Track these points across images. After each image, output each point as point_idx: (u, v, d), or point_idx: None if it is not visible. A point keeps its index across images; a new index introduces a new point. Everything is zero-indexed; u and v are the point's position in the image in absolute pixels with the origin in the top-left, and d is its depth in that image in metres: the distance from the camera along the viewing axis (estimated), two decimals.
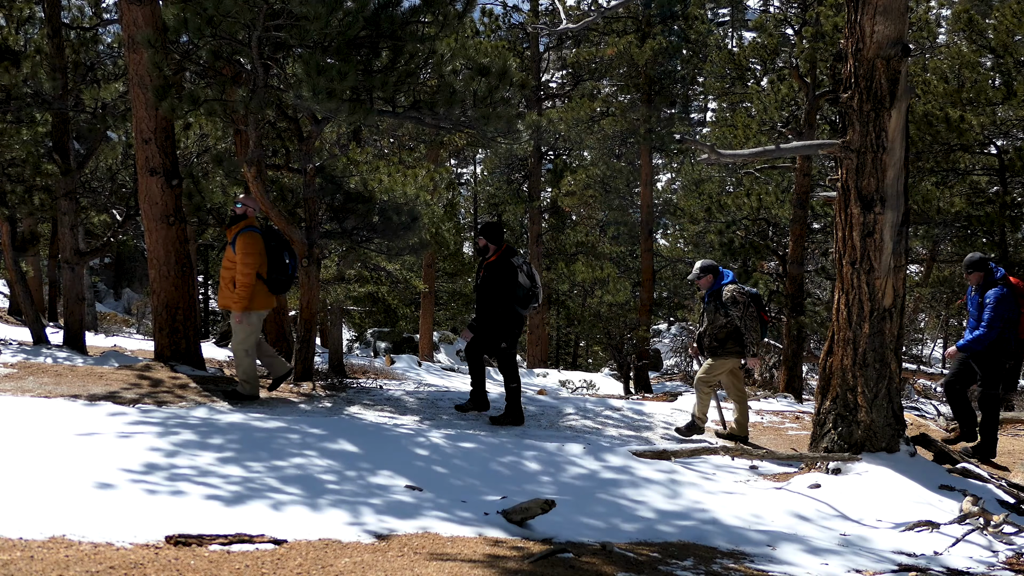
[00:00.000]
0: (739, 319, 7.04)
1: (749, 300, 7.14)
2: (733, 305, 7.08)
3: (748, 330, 7.04)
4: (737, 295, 7.10)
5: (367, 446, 5.58)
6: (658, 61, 19.41)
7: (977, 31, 13.68)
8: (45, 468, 4.33)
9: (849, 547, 4.47)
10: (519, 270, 7.11)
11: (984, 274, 6.96)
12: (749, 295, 7.24)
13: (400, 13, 7.10)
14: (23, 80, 9.54)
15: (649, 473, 5.68)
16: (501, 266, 7.07)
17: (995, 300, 6.78)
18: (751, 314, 7.08)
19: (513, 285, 7.05)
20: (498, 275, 7.04)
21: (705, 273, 7.32)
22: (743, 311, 7.04)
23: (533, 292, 7.20)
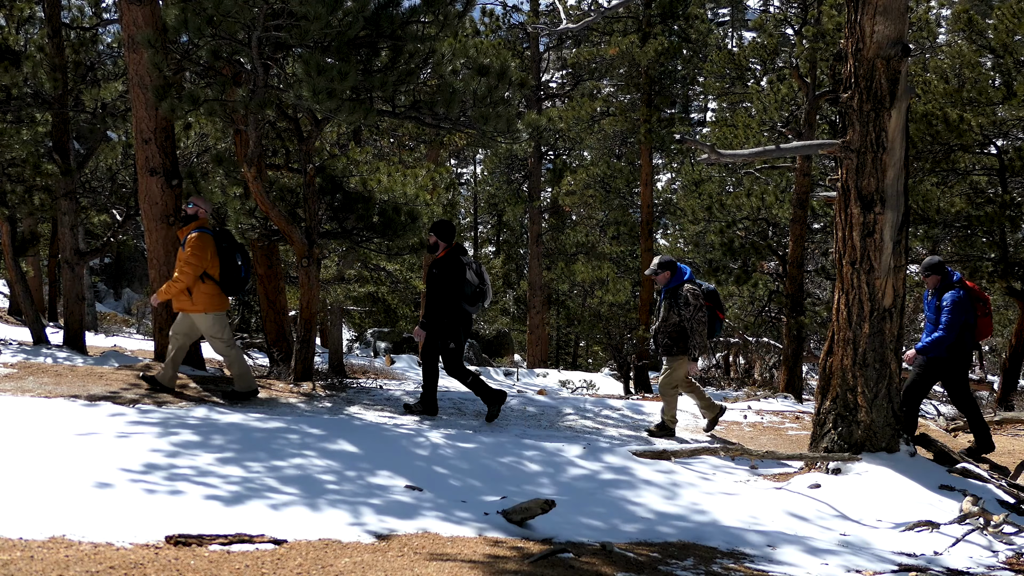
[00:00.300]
0: (687, 320, 7.04)
1: (703, 302, 7.13)
2: (685, 306, 7.08)
3: (693, 333, 7.04)
4: (691, 296, 7.09)
5: (367, 446, 5.58)
6: (659, 61, 19.39)
7: (977, 31, 13.67)
8: (45, 468, 4.33)
9: (849, 547, 4.47)
10: (467, 268, 7.11)
11: (941, 277, 6.93)
12: (705, 293, 7.25)
13: (400, 13, 7.10)
14: (23, 80, 9.54)
15: (649, 473, 5.67)
16: (449, 263, 7.06)
17: (952, 303, 6.74)
18: (700, 318, 7.06)
19: (461, 282, 7.04)
20: (446, 272, 7.03)
21: (663, 269, 7.31)
22: (693, 313, 7.04)
23: (481, 290, 7.19)
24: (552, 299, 25.28)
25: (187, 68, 8.24)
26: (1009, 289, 13.41)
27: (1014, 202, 13.29)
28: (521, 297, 30.17)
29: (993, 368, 25.00)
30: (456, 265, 7.07)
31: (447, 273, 7.04)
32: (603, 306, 18.31)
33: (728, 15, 54.68)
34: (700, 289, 7.24)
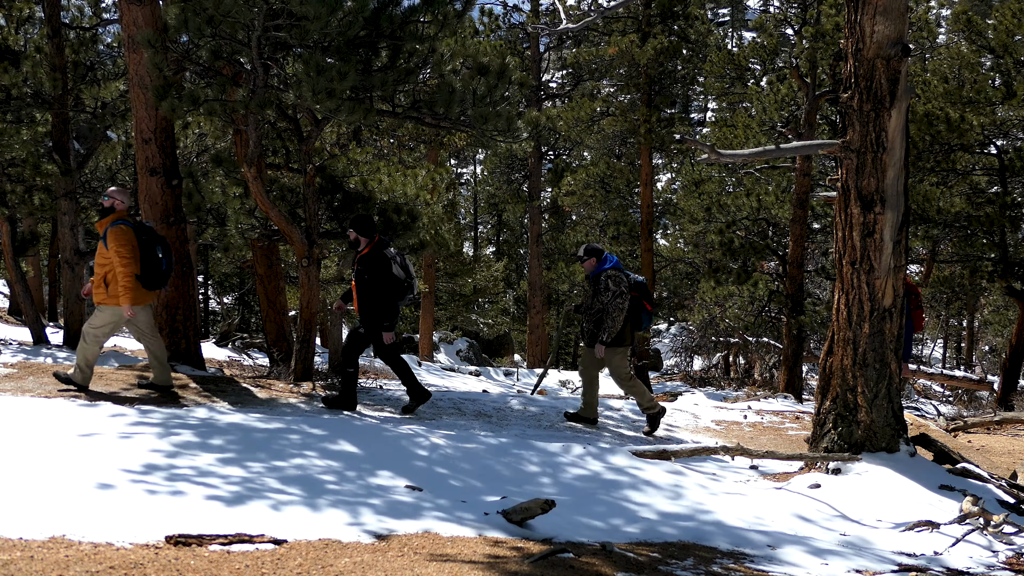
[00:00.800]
0: (606, 304, 7.06)
1: (627, 289, 7.13)
2: (605, 291, 7.09)
3: (607, 316, 7.06)
4: (611, 282, 7.09)
5: (367, 446, 5.58)
6: (659, 61, 19.38)
7: (977, 31, 13.68)
8: (45, 468, 4.33)
9: (849, 547, 4.47)
10: (392, 261, 7.07)
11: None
12: (631, 284, 7.24)
13: (399, 13, 7.10)
14: (23, 80, 9.55)
15: (649, 473, 5.67)
16: (374, 258, 7.01)
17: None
18: (618, 304, 7.06)
19: (388, 277, 7.01)
20: (372, 268, 6.99)
21: (589, 256, 7.32)
22: (612, 298, 7.04)
23: (408, 283, 7.15)
24: (552, 299, 25.28)
25: (187, 68, 8.25)
26: (1009, 289, 13.41)
27: (1014, 202, 13.29)
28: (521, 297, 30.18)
29: (993, 368, 25.01)
30: (382, 260, 7.01)
31: (374, 269, 6.98)
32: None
33: (728, 15, 54.70)
34: (627, 279, 7.23)
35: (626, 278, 7.20)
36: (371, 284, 6.97)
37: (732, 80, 17.23)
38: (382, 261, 6.99)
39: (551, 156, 28.83)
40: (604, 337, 7.12)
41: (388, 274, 6.98)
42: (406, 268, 7.17)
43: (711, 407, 9.01)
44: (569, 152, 30.09)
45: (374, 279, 6.96)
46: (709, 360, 22.36)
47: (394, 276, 7.01)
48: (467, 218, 35.83)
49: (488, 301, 28.41)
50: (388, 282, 6.97)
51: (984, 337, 29.45)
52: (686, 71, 21.61)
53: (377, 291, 6.97)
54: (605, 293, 7.10)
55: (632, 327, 7.29)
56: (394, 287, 7.00)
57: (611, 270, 7.18)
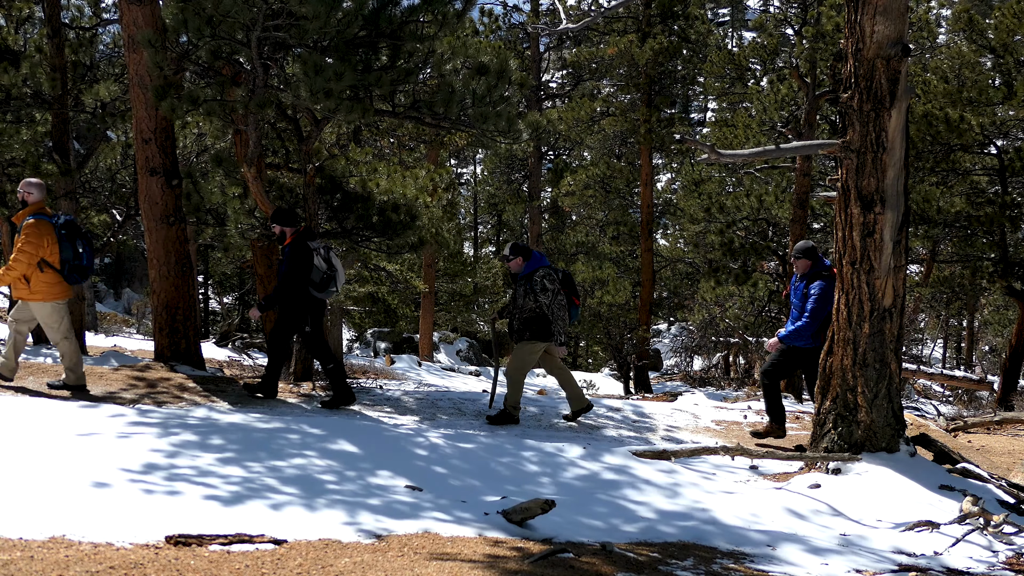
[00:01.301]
0: (547, 306, 7.03)
1: (559, 287, 7.11)
2: (543, 292, 7.05)
3: (555, 318, 7.04)
4: (547, 281, 7.06)
5: (367, 446, 5.58)
6: (658, 61, 19.39)
7: (977, 31, 13.68)
8: (45, 468, 4.33)
9: (849, 547, 4.47)
10: (315, 253, 7.06)
11: (812, 263, 6.85)
12: (561, 279, 7.22)
13: (399, 13, 7.10)
14: (23, 80, 9.55)
15: (649, 473, 5.67)
16: (296, 249, 6.99)
17: (820, 291, 6.66)
18: (560, 302, 7.04)
19: (308, 268, 6.99)
20: (292, 258, 6.97)
21: (515, 254, 7.28)
22: (552, 298, 7.03)
23: (330, 275, 7.14)
24: None
25: (187, 68, 8.25)
26: (1009, 289, 13.41)
27: (1014, 202, 13.29)
28: None
29: (993, 368, 25.01)
30: (303, 251, 6.99)
31: (293, 259, 6.96)
32: (603, 306, 18.31)
33: (728, 15, 54.70)
34: (556, 274, 7.20)
35: (554, 273, 7.18)
36: (289, 274, 6.95)
37: (732, 80, 17.23)
38: (304, 251, 6.99)
39: (551, 156, 28.84)
40: (561, 339, 7.12)
41: (309, 264, 6.98)
42: (329, 260, 7.15)
43: (711, 407, 9.00)
44: (569, 152, 30.10)
45: (292, 269, 6.94)
46: (709, 360, 22.36)
47: (314, 267, 7.01)
48: (467, 218, 35.84)
49: (488, 301, 28.41)
50: (304, 271, 6.96)
51: (984, 337, 29.45)
52: (686, 71, 21.63)
53: (294, 282, 6.95)
54: (543, 294, 7.05)
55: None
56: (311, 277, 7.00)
57: (543, 269, 7.14)
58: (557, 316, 7.05)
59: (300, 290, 7.02)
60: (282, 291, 7.02)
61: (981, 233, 13.72)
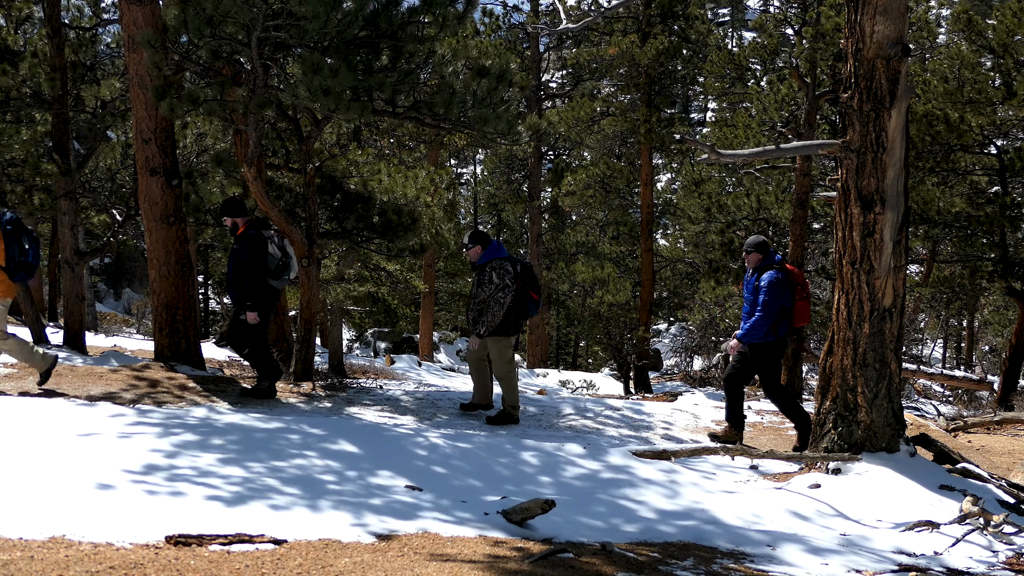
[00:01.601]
0: (489, 296, 7.00)
1: (511, 281, 7.04)
2: (489, 282, 7.02)
3: (487, 309, 7.00)
4: (495, 273, 7.02)
5: (367, 446, 5.58)
6: (659, 61, 19.39)
7: (977, 31, 13.67)
8: (45, 468, 4.33)
9: (849, 547, 4.47)
10: (269, 241, 7.03)
11: (763, 256, 6.86)
12: (520, 271, 7.16)
13: (399, 13, 7.10)
14: (23, 80, 9.54)
15: (649, 473, 5.67)
16: (249, 238, 6.97)
17: (769, 284, 6.68)
18: (499, 297, 6.98)
19: (263, 256, 6.96)
20: (247, 248, 6.94)
21: (473, 243, 7.24)
22: (494, 291, 6.98)
23: (285, 263, 7.12)
24: (552, 299, 25.26)
25: (187, 68, 8.25)
26: (1009, 289, 13.41)
27: (1014, 202, 13.29)
28: None
29: (993, 368, 25.01)
30: (257, 240, 6.98)
31: (248, 248, 6.94)
32: (603, 306, 18.31)
33: (728, 15, 54.71)
34: (514, 267, 7.14)
35: (511, 268, 7.10)
36: (246, 264, 6.93)
37: (732, 80, 17.23)
38: (258, 240, 6.97)
39: (551, 156, 28.83)
40: (481, 331, 7.06)
41: (263, 252, 6.96)
42: (283, 248, 7.13)
43: (711, 407, 9.00)
44: (569, 152, 30.09)
45: (248, 257, 6.91)
46: (709, 360, 22.34)
47: (268, 255, 6.99)
48: (467, 218, 35.83)
49: None
50: (260, 260, 6.94)
51: (984, 337, 29.45)
52: (686, 71, 21.62)
53: (250, 269, 6.92)
54: (488, 285, 7.01)
55: (518, 316, 7.18)
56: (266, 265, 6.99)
57: (496, 260, 7.08)
58: (490, 308, 6.99)
59: (258, 278, 6.98)
60: (254, 284, 6.97)
61: (981, 233, 13.72)
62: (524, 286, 7.19)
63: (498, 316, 7.01)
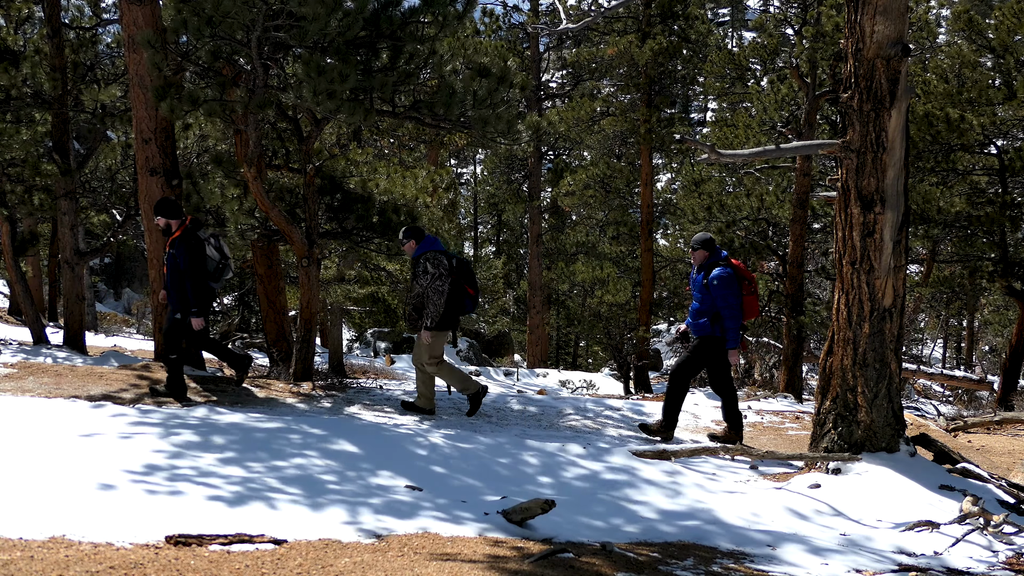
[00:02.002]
0: (424, 289, 6.98)
1: (446, 272, 7.02)
2: (424, 274, 7.00)
3: (428, 301, 6.98)
4: (429, 265, 7.00)
5: (367, 446, 5.58)
6: (658, 61, 19.38)
7: (977, 31, 13.68)
8: (45, 468, 4.33)
9: (850, 547, 4.47)
10: (206, 243, 6.96)
11: (709, 253, 6.87)
12: (455, 266, 7.14)
13: (400, 13, 7.10)
14: (23, 80, 9.54)
15: (649, 473, 5.67)
16: (186, 240, 6.87)
17: (721, 281, 6.68)
18: (437, 287, 6.96)
19: (201, 258, 6.89)
20: (185, 251, 6.85)
21: (407, 238, 7.24)
22: (430, 282, 6.96)
23: (224, 264, 7.05)
24: (552, 299, 25.26)
25: (187, 68, 8.25)
26: (1009, 289, 13.41)
27: (1014, 202, 13.29)
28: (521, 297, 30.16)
29: (993, 368, 25.00)
30: (195, 242, 6.89)
31: (187, 254, 6.85)
32: (603, 306, 18.30)
33: (728, 15, 54.70)
34: (449, 261, 7.13)
35: (446, 260, 7.09)
36: (186, 267, 6.84)
37: (732, 80, 17.23)
38: (194, 242, 6.89)
39: (551, 156, 28.83)
40: (428, 323, 7.03)
41: (201, 255, 6.89)
42: (221, 249, 7.06)
43: (711, 407, 9.00)
44: (569, 152, 30.08)
45: (186, 261, 6.83)
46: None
47: (207, 257, 6.93)
48: (467, 218, 35.83)
49: (488, 301, 28.40)
50: (200, 263, 6.88)
51: (984, 337, 29.45)
52: (686, 71, 21.61)
53: (191, 275, 6.85)
54: (424, 277, 7.00)
55: (454, 311, 7.17)
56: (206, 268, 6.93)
57: (430, 252, 7.07)
58: (431, 299, 6.97)
59: (197, 281, 6.88)
60: (197, 287, 6.87)
61: (981, 233, 13.72)
62: (459, 280, 7.18)
63: (440, 305, 6.98)
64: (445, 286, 6.98)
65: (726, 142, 15.71)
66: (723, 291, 6.69)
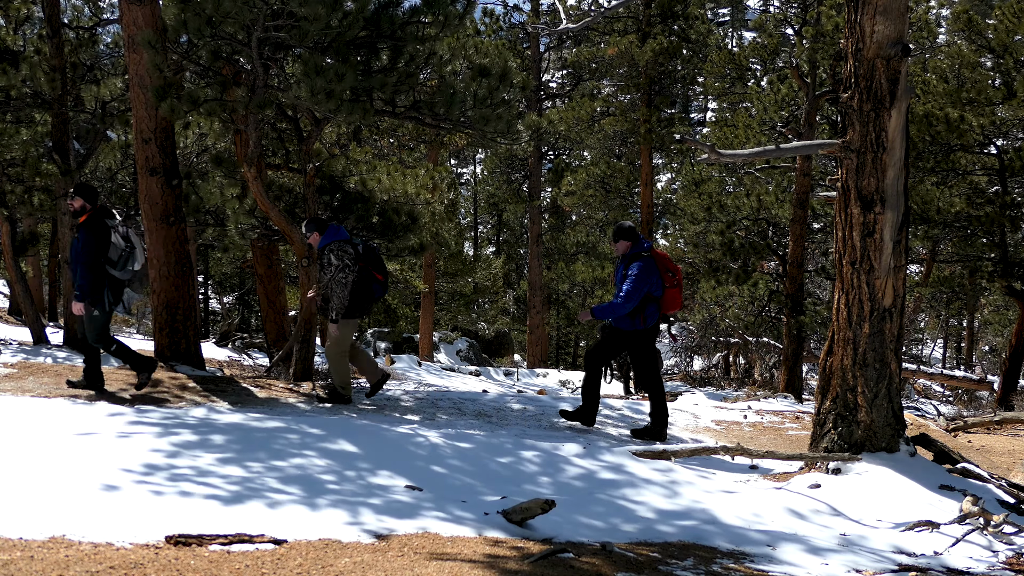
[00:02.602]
0: (330, 279, 6.98)
1: (352, 262, 7.00)
2: (328, 265, 7.00)
3: (333, 293, 6.98)
4: (333, 256, 6.98)
5: (367, 446, 5.58)
6: (659, 61, 19.40)
7: (977, 31, 13.68)
8: (45, 468, 4.33)
9: (849, 547, 4.47)
10: (113, 231, 6.83)
11: (631, 243, 6.77)
12: (361, 252, 7.14)
13: (400, 13, 7.10)
14: (22, 80, 9.55)
15: (649, 473, 5.67)
16: (92, 226, 6.73)
17: (636, 271, 6.61)
18: (340, 279, 6.95)
19: (105, 246, 6.75)
20: (88, 236, 6.72)
21: (310, 231, 7.25)
22: (335, 273, 6.95)
23: (129, 252, 6.90)
24: (552, 299, 25.27)
25: (187, 68, 8.25)
26: (1009, 289, 13.42)
27: (1014, 202, 13.29)
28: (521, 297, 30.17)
29: (993, 368, 25.00)
30: (100, 228, 6.75)
31: (90, 237, 6.71)
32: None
33: (728, 15, 54.71)
34: (356, 248, 7.11)
35: (352, 249, 7.06)
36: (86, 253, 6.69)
37: (732, 80, 17.24)
38: (101, 229, 6.74)
39: (551, 156, 28.84)
40: (332, 316, 7.04)
41: (106, 242, 6.75)
42: (127, 237, 6.91)
43: (711, 407, 9.01)
44: (569, 152, 30.10)
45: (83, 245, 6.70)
46: (709, 360, 22.34)
47: (111, 244, 6.80)
48: (467, 218, 35.85)
49: (488, 301, 28.41)
50: (99, 250, 6.73)
51: (984, 337, 29.45)
52: (686, 71, 21.62)
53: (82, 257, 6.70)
54: (329, 268, 7.00)
55: (362, 298, 7.16)
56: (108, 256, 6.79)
57: (333, 244, 7.04)
58: (334, 291, 6.98)
59: (99, 269, 6.74)
60: (87, 272, 6.72)
61: (981, 233, 13.72)
62: (368, 267, 7.18)
63: (345, 297, 6.98)
64: (349, 278, 6.98)
65: (726, 142, 15.72)
66: (633, 282, 6.60)
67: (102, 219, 6.81)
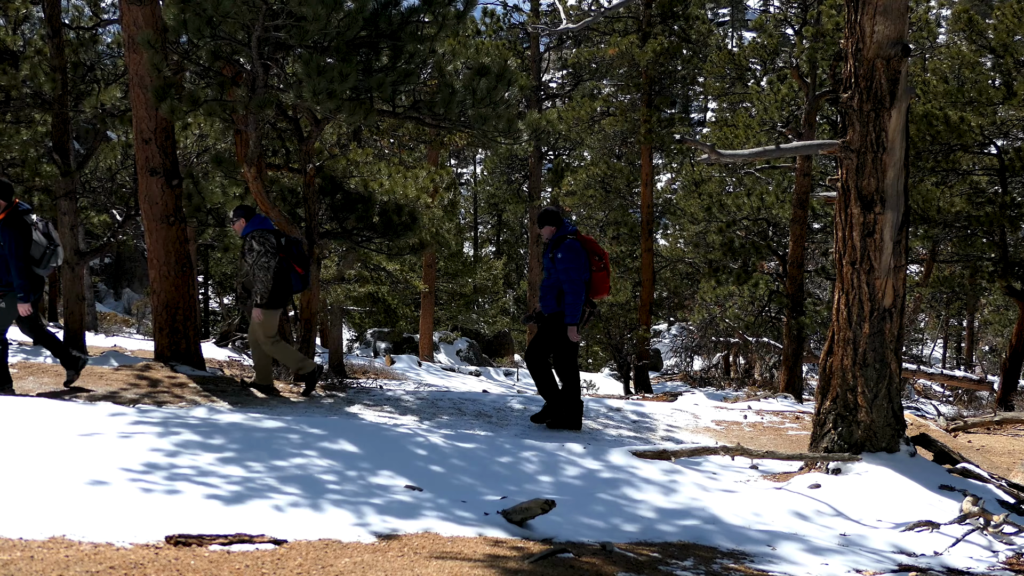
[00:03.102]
0: (251, 266, 7.00)
1: (273, 249, 7.01)
2: (249, 251, 7.02)
3: (256, 279, 7.00)
4: (255, 242, 7.01)
5: (367, 446, 5.58)
6: (659, 61, 19.40)
7: (977, 31, 13.68)
8: (45, 468, 4.33)
9: (849, 547, 4.47)
10: (33, 228, 6.79)
11: (555, 228, 6.70)
12: (280, 244, 7.14)
13: (400, 13, 7.11)
14: (23, 81, 9.55)
15: (649, 473, 5.67)
16: (12, 224, 6.67)
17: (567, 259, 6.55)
18: (262, 263, 6.96)
19: (27, 243, 6.71)
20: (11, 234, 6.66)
21: (236, 217, 7.28)
22: (256, 258, 6.97)
23: (52, 250, 6.89)
24: None
25: (187, 68, 8.25)
26: (1009, 289, 13.42)
27: (1014, 202, 13.30)
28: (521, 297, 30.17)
29: (993, 368, 25.01)
30: (20, 226, 6.70)
31: (13, 235, 6.64)
32: (603, 306, 18.32)
33: (728, 15, 54.73)
34: (278, 239, 7.14)
35: (275, 239, 7.10)
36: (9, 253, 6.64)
37: (732, 80, 17.24)
38: (21, 226, 6.68)
39: (551, 156, 28.84)
40: (257, 300, 7.05)
41: (28, 239, 6.70)
42: (49, 235, 6.89)
43: (711, 407, 9.01)
44: (569, 152, 30.09)
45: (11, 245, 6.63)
46: (709, 360, 22.36)
47: (34, 242, 6.76)
48: (467, 218, 35.85)
49: (488, 301, 28.42)
50: (26, 248, 6.68)
51: (984, 337, 29.46)
52: (686, 71, 21.63)
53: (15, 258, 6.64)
54: (250, 254, 7.03)
55: (283, 290, 7.18)
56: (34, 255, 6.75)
57: (256, 232, 7.08)
58: (257, 276, 7.00)
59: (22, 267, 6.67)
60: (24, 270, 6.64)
61: (981, 233, 13.72)
62: (288, 259, 7.20)
63: (267, 281, 7.00)
64: (272, 262, 7.00)
65: (726, 142, 15.73)
66: (566, 264, 6.53)
67: (21, 216, 6.73)
